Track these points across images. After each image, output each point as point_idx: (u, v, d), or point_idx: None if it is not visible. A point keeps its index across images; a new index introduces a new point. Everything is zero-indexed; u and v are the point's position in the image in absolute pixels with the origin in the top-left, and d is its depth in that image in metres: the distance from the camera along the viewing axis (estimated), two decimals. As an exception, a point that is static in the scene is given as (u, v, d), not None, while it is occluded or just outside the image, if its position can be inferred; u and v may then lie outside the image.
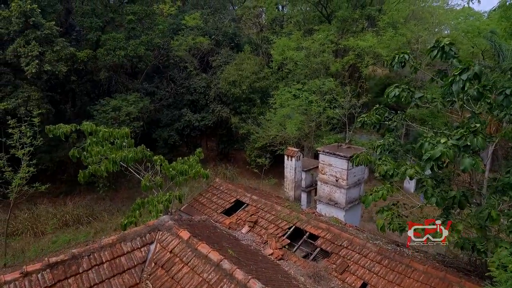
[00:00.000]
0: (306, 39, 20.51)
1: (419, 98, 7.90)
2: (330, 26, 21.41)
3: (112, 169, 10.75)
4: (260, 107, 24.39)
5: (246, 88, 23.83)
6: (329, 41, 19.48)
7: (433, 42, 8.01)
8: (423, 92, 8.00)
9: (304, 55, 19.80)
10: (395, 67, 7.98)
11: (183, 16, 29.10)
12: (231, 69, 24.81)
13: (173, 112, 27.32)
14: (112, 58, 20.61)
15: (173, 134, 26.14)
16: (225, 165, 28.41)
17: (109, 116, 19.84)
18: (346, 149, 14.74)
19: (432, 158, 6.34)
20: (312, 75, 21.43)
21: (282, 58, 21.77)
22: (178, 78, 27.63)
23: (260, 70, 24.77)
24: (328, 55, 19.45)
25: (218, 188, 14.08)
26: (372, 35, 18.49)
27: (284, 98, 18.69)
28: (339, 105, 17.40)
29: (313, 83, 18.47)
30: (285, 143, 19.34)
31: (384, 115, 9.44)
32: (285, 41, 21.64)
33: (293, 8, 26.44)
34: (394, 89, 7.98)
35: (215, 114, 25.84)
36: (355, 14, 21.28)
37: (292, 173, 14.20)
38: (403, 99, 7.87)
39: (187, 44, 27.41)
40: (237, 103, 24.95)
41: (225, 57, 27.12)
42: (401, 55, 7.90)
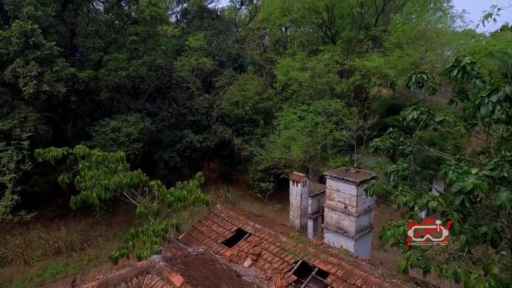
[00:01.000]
0: (310, 59, 20.15)
1: (439, 121, 7.18)
2: (335, 47, 21.11)
3: (105, 196, 9.98)
4: (263, 128, 23.77)
5: (249, 109, 23.32)
6: (334, 61, 19.09)
7: (453, 61, 7.39)
8: (444, 115, 7.28)
9: (309, 75, 19.37)
10: (412, 88, 7.32)
11: (186, 37, 29.13)
12: (234, 89, 24.42)
13: (175, 133, 26.79)
14: (113, 78, 20.29)
15: (174, 156, 25.46)
16: (227, 187, 27.52)
17: (108, 137, 19.26)
18: (354, 173, 13.91)
19: (462, 191, 5.53)
20: (317, 95, 20.93)
21: (286, 79, 21.37)
22: (181, 99, 27.27)
23: (264, 91, 24.35)
24: (334, 75, 19.00)
25: (219, 215, 13.20)
26: (379, 56, 18.08)
27: (289, 119, 18.08)
28: (346, 127, 16.73)
29: (318, 104, 17.90)
30: (289, 166, 18.56)
31: (399, 139, 8.72)
32: (289, 62, 21.30)
33: (296, 29, 26.38)
34: (411, 111, 7.29)
35: (217, 135, 25.24)
36: (360, 35, 21.01)
37: (298, 199, 13.33)
38: (422, 122, 7.16)
39: (190, 65, 27.23)
40: (240, 124, 24.38)
41: (228, 77, 26.84)
42: (419, 75, 7.25)
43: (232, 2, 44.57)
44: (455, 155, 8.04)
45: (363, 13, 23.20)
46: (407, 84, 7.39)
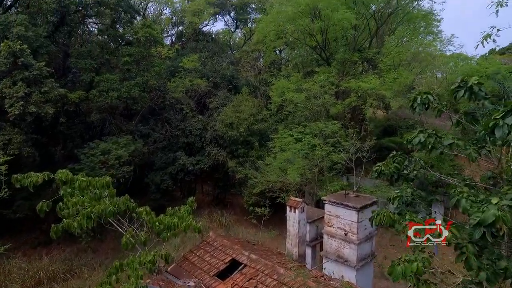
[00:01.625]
0: (306, 81, 20.00)
1: (449, 145, 6.71)
2: (330, 68, 21.06)
3: (87, 225, 9.19)
4: (258, 150, 23.25)
5: (244, 131, 22.88)
6: (329, 82, 18.92)
7: (449, 83, 7.03)
8: (452, 138, 6.83)
9: (305, 96, 19.11)
10: (418, 110, 6.90)
11: (181, 58, 29.06)
12: (229, 111, 24.06)
13: (168, 155, 26.10)
14: (105, 99, 19.81)
15: (166, 179, 24.66)
16: (221, 211, 26.63)
17: (97, 160, 18.53)
18: (354, 198, 13.30)
19: (483, 223, 4.98)
20: (313, 117, 20.63)
21: (281, 100, 21.11)
22: (174, 120, 26.80)
23: (259, 112, 24.03)
24: (330, 96, 18.78)
25: (212, 244, 12.37)
26: (374, 77, 17.97)
27: (285, 141, 17.63)
28: (344, 149, 16.30)
29: (314, 125, 17.53)
30: (285, 190, 17.92)
31: (403, 163, 8.23)
32: (285, 83, 21.12)
33: (291, 51, 26.48)
34: (418, 134, 6.83)
35: (211, 157, 24.62)
36: (355, 57, 21.04)
37: (295, 226, 12.60)
38: (430, 145, 6.70)
39: (184, 86, 26.97)
40: (234, 146, 23.85)
41: (222, 98, 26.55)
42: (424, 95, 6.86)
43: (227, 25, 45.18)
44: (465, 180, 7.55)
45: (357, 36, 23.40)
46: (412, 106, 6.98)
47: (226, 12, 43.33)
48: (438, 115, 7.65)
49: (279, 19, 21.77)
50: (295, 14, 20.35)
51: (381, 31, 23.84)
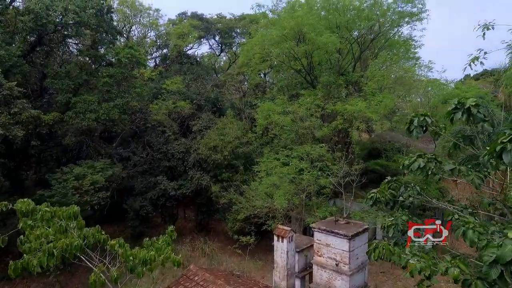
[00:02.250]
0: (291, 103, 19.73)
1: (450, 170, 6.23)
2: (316, 91, 20.96)
3: (47, 263, 8.07)
4: (243, 174, 22.47)
5: (228, 154, 22.16)
6: (315, 105, 18.70)
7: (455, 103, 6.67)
8: (454, 163, 6.37)
9: (291, 119, 18.75)
10: (415, 133, 6.45)
11: (164, 80, 28.52)
12: (213, 133, 23.40)
13: (148, 179, 24.92)
14: (81, 121, 18.80)
15: (146, 204, 23.37)
16: (204, 238, 25.34)
17: (70, 186, 17.26)
18: (344, 225, 12.63)
19: (500, 261, 4.39)
20: (299, 140, 20.23)
21: (267, 123, 20.68)
22: (156, 143, 25.83)
23: (244, 135, 23.46)
24: (316, 119, 18.49)
25: (193, 278, 11.29)
26: (360, 100, 17.89)
27: (271, 166, 17.00)
28: (332, 173, 15.81)
29: (301, 149, 17.06)
30: (272, 216, 17.08)
31: (399, 189, 7.70)
32: (270, 105, 20.78)
33: (276, 74, 26.44)
34: (417, 159, 6.33)
35: (193, 181, 23.60)
36: (340, 80, 21.08)
37: (283, 258, 11.73)
38: (430, 171, 6.20)
39: (167, 108, 26.27)
40: (218, 170, 23.01)
41: (206, 121, 25.93)
42: (421, 117, 6.43)
43: (211, 49, 45.39)
44: (466, 208, 7.05)
45: (341, 60, 23.63)
46: (409, 128, 6.54)
47: (211, 36, 43.64)
48: (436, 139, 7.25)
49: (264, 42, 21.76)
50: (280, 37, 20.37)
51: (364, 55, 24.19)
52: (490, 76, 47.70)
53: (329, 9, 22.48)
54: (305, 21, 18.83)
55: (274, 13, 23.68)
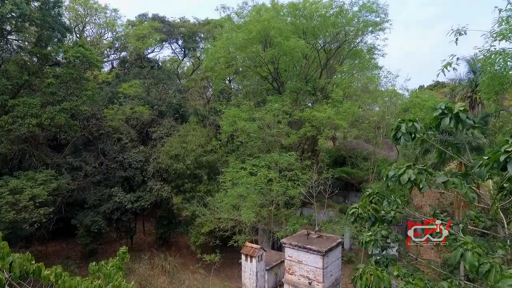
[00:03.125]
0: (258, 109, 18.85)
1: (443, 182, 5.55)
2: (283, 97, 20.32)
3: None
4: (207, 185, 21.11)
5: (191, 163, 20.72)
6: (283, 112, 17.98)
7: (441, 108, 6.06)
8: (446, 175, 5.70)
9: (258, 126, 17.84)
10: (402, 140, 5.72)
11: (121, 84, 26.45)
12: (174, 141, 21.84)
13: (103, 191, 22.68)
14: (19, 127, 16.43)
15: (98, 220, 21.12)
16: (165, 254, 23.43)
17: (4, 201, 14.84)
18: (317, 239, 11.82)
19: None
20: (266, 147, 19.37)
21: (232, 130, 19.59)
22: (111, 152, 23.64)
23: (208, 143, 22.16)
24: (284, 126, 17.75)
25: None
26: (329, 107, 17.46)
27: (238, 176, 15.88)
28: (302, 182, 15.06)
29: (269, 157, 16.16)
30: (239, 231, 15.90)
31: (382, 204, 6.96)
32: (236, 112, 19.74)
33: (242, 79, 25.53)
34: (407, 170, 5.59)
35: (153, 193, 21.79)
36: (308, 87, 20.62)
37: (252, 279, 10.60)
38: (421, 183, 5.49)
39: (124, 114, 24.27)
40: (180, 180, 21.44)
41: (167, 128, 24.28)
42: (410, 123, 5.72)
43: (174, 53, 43.60)
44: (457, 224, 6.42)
45: (308, 66, 23.31)
46: (395, 136, 5.82)
47: (174, 40, 41.95)
48: (420, 146, 6.62)
49: (229, 46, 20.79)
50: (246, 41, 19.52)
51: (330, 63, 24.09)
52: (442, 87, 50.55)
53: (296, 14, 22.10)
54: (272, 25, 18.16)
55: (240, 16, 22.85)
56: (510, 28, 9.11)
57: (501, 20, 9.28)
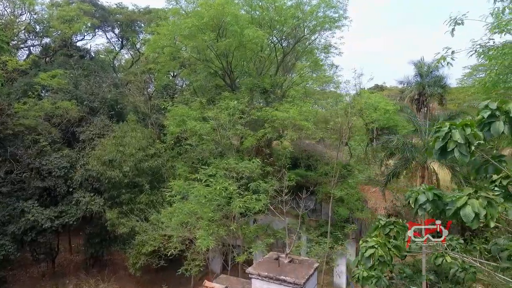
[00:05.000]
0: (211, 108, 16.36)
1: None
2: (239, 95, 18.10)
3: None
4: (149, 195, 17.98)
5: (130, 170, 17.43)
6: (240, 111, 15.75)
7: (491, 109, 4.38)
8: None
9: (211, 127, 15.35)
10: (457, 154, 3.88)
11: (40, 74, 21.78)
12: (109, 143, 18.28)
13: (13, 205, 18.10)
14: None
15: (5, 243, 16.70)
16: (97, 278, 19.70)
17: None
18: (289, 265, 9.79)
19: None
20: (219, 151, 16.95)
21: (180, 130, 16.76)
22: (24, 156, 19.05)
23: (150, 145, 18.98)
24: (242, 127, 15.51)
25: None
26: (292, 106, 15.69)
27: (189, 188, 13.22)
28: (264, 191, 13.06)
29: (226, 164, 13.80)
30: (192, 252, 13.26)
31: (401, 236, 5.13)
32: (184, 110, 16.96)
33: (190, 73, 22.62)
34: (470, 201, 3.72)
35: (80, 207, 17.96)
36: (265, 83, 18.66)
37: (214, 331, 8.20)
38: (491, 220, 3.71)
39: (43, 110, 19.84)
40: (116, 190, 17.97)
41: (100, 127, 20.44)
42: (467, 129, 3.90)
43: (110, 43, 38.53)
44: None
45: (265, 61, 21.42)
46: (444, 147, 3.97)
47: (109, 28, 37.06)
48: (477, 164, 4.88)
49: (176, 32, 17.88)
50: (196, 28, 16.86)
51: (286, 59, 22.49)
52: (381, 90, 52.85)
53: (252, 5, 20.00)
54: (227, 10, 15.77)
55: (189, 1, 19.90)
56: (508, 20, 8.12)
57: (497, 11, 8.27)
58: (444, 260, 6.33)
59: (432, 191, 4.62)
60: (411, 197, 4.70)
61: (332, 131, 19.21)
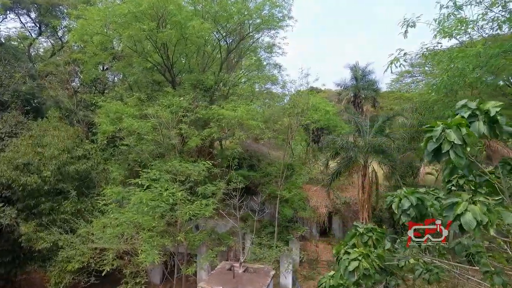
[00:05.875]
0: (151, 104, 14.81)
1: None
2: (180, 92, 16.78)
3: None
4: (76, 203, 15.67)
5: (52, 174, 14.94)
6: (183, 109, 14.51)
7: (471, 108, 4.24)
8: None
9: (151, 126, 13.85)
10: (453, 155, 3.57)
11: None
12: (23, 144, 15.46)
13: None
14: None
15: None
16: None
17: None
18: (244, 275, 9.11)
19: None
20: (159, 153, 15.49)
21: (115, 129, 14.84)
22: None
23: (77, 146, 16.58)
24: (186, 126, 14.28)
25: None
26: (240, 104, 14.96)
27: (128, 194, 11.62)
28: (213, 195, 12.14)
29: (170, 166, 12.50)
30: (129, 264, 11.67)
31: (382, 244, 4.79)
32: (119, 106, 15.08)
33: (125, 67, 20.41)
34: (470, 207, 3.40)
35: (-15, 221, 14.83)
36: (209, 80, 17.64)
37: None
38: (491, 227, 3.45)
39: None
40: (33, 199, 15.26)
41: (11, 125, 17.26)
42: (462, 129, 3.62)
43: (24, 27, 33.36)
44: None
45: (207, 57, 20.36)
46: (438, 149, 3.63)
47: (24, 11, 32.17)
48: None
49: (109, 19, 15.83)
50: (132, 16, 15.12)
51: (230, 57, 21.75)
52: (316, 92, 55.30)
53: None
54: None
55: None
56: (453, 25, 8.56)
57: (443, 17, 8.67)
58: (407, 261, 6.24)
59: (415, 195, 4.34)
60: (394, 202, 4.37)
61: (279, 131, 19.03)
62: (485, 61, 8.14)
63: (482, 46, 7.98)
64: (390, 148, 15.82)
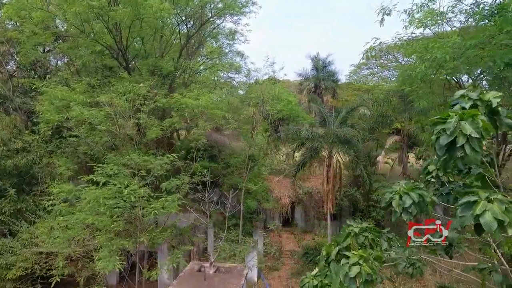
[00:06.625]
0: (104, 91, 13.33)
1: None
2: (137, 78, 15.37)
3: None
4: (16, 202, 13.80)
5: (-16, 170, 12.91)
6: (141, 97, 13.23)
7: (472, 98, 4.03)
8: None
9: (105, 115, 12.43)
10: (468, 150, 3.27)
11: None
12: None
13: None
14: None
15: None
16: None
17: None
18: (216, 276, 8.54)
19: None
20: (111, 143, 14.10)
21: (61, 118, 13.11)
22: None
23: (15, 137, 14.53)
24: (145, 115, 13.04)
25: None
26: (205, 92, 14.04)
27: (80, 193, 10.29)
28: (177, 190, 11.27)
29: (128, 159, 11.34)
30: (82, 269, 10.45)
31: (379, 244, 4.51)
32: (66, 93, 13.34)
33: (71, 49, 18.19)
34: (489, 206, 3.12)
35: None
36: (168, 66, 16.38)
37: None
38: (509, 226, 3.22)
39: None
40: (-39, 199, 13.16)
41: None
42: (477, 119, 3.34)
43: None
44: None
45: (164, 43, 18.95)
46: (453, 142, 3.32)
47: None
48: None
49: (52, -7, 13.86)
50: (81, -10, 13.35)
51: (191, 42, 20.48)
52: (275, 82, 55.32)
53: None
54: (124, -27, 12.89)
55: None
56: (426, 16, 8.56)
57: (417, 7, 8.63)
58: (388, 254, 6.12)
59: (415, 191, 4.06)
60: (394, 199, 4.06)
61: (242, 121, 18.44)
62: (461, 52, 8.36)
63: (457, 37, 8.17)
64: (354, 138, 16.08)
